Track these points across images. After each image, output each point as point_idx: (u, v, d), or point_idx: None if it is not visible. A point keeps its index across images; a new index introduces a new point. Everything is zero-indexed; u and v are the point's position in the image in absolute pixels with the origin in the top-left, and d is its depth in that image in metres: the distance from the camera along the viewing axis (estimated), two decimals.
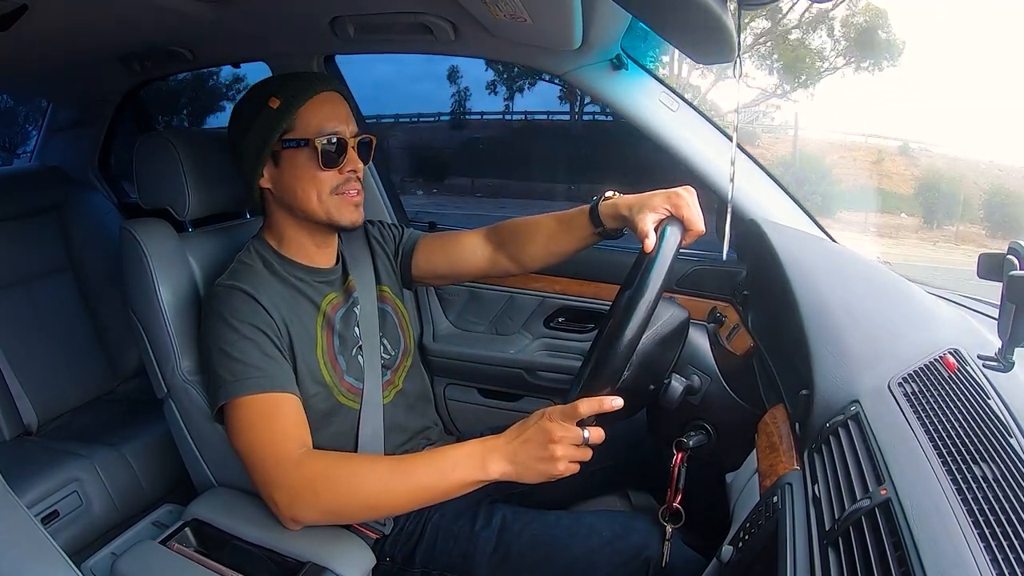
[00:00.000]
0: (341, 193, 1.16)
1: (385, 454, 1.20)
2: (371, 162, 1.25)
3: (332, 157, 1.13)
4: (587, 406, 0.94)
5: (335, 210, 1.16)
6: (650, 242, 1.02)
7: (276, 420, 1.05)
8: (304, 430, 1.07)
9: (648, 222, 1.04)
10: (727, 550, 0.83)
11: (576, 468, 0.97)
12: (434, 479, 0.99)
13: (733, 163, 1.03)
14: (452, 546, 1.13)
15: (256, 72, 1.77)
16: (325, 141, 1.12)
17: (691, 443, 1.11)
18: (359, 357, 1.22)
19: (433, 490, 1.00)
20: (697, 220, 1.03)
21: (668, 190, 1.06)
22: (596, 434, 0.96)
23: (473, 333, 1.86)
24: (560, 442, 0.94)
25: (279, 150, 1.14)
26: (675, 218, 1.03)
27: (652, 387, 1.08)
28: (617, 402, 0.94)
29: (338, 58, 1.77)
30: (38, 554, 0.69)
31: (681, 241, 1.01)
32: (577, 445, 0.95)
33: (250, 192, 1.19)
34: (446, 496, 1.01)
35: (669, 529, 1.07)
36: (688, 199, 1.04)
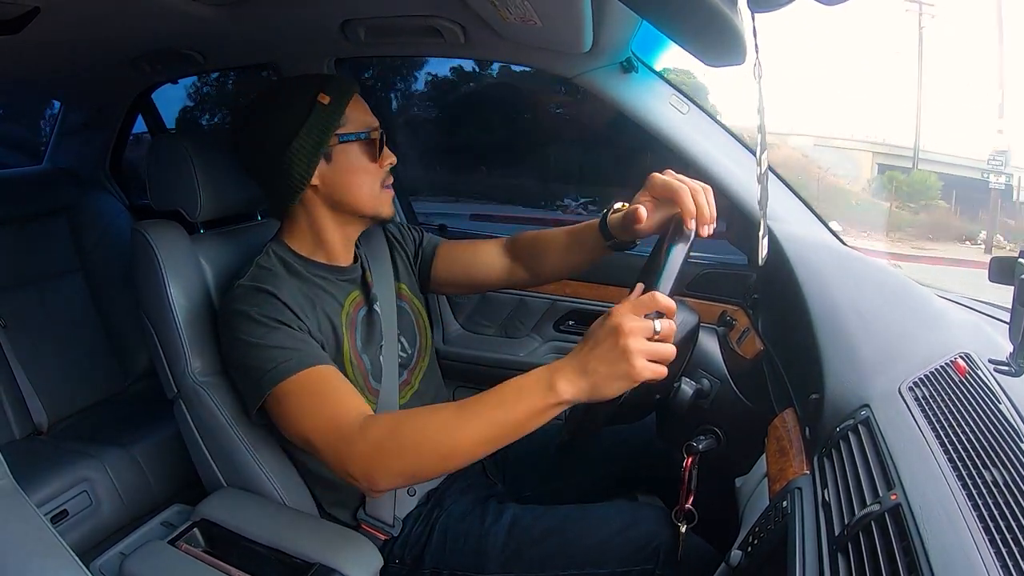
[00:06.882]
0: (385, 186, 1.19)
1: None
2: None
3: (377, 151, 1.16)
4: (659, 297, 0.85)
5: (382, 203, 1.19)
6: (642, 213, 1.02)
7: (327, 394, 1.01)
8: (356, 396, 1.02)
9: (641, 202, 1.04)
10: (736, 554, 0.83)
11: (662, 372, 0.84)
12: (500, 413, 0.88)
13: (760, 163, 1.00)
14: (462, 544, 1.13)
15: None
16: (375, 134, 1.16)
17: (701, 447, 1.10)
18: (380, 358, 1.21)
19: (503, 425, 0.88)
20: (690, 207, 0.96)
21: None
22: (667, 327, 0.84)
23: (483, 336, 1.87)
24: (632, 334, 0.82)
25: (334, 145, 1.14)
26: (680, 225, 0.97)
27: (658, 397, 1.08)
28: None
29: None
30: (47, 553, 0.70)
31: (691, 245, 0.95)
32: (649, 338, 0.83)
33: (293, 193, 1.15)
34: (519, 430, 0.89)
35: (683, 528, 1.06)
36: (699, 192, 0.98)
